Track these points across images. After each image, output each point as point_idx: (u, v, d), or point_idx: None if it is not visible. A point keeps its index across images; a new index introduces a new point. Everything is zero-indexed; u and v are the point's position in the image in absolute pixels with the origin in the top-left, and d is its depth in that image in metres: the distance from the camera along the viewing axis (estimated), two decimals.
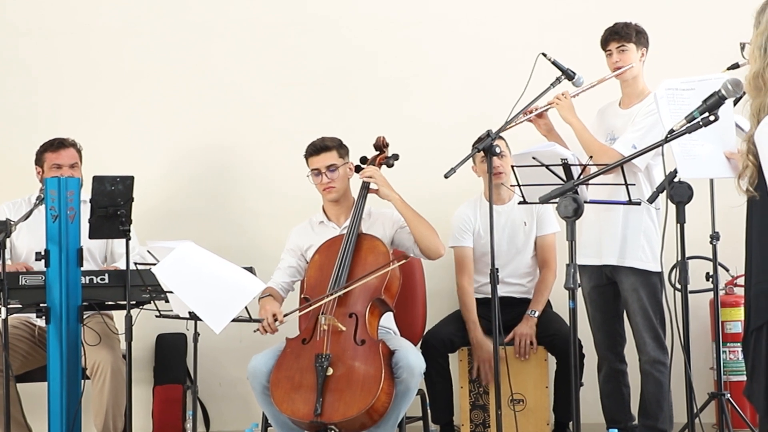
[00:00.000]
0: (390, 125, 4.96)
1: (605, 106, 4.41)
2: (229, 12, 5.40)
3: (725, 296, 4.70)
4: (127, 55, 5.41)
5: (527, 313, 4.56)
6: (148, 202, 4.82)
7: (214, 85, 5.38)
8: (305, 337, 4.04)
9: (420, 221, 4.22)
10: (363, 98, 5.31)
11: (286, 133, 5.24)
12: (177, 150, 5.36)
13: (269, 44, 5.37)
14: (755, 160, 2.58)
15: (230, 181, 5.38)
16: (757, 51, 2.61)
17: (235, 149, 5.36)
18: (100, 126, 5.33)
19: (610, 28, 4.26)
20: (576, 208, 3.17)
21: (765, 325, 2.58)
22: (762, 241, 2.62)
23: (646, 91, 4.25)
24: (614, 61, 4.23)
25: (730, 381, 4.60)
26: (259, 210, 5.30)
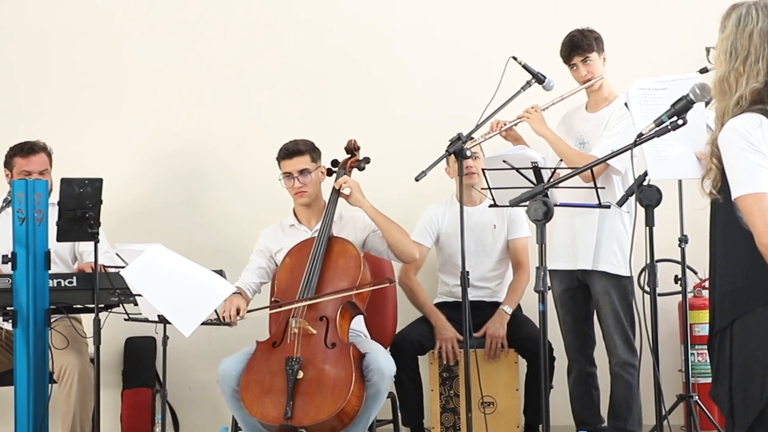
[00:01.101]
0: (363, 127, 4.97)
1: (570, 111, 4.43)
2: (203, 13, 5.39)
3: (694, 299, 4.74)
4: (97, 56, 5.38)
5: (501, 308, 4.56)
6: (117, 204, 4.79)
7: (185, 86, 5.36)
8: (275, 340, 4.02)
9: (392, 226, 4.22)
10: (336, 100, 5.30)
11: (258, 134, 5.22)
12: (147, 151, 5.34)
13: (242, 45, 5.36)
14: (719, 163, 2.59)
15: (201, 183, 5.36)
16: (723, 55, 2.63)
17: (206, 151, 5.35)
18: (70, 127, 5.30)
19: (569, 43, 4.23)
20: (546, 211, 3.18)
21: (729, 326, 2.60)
22: (725, 243, 2.64)
23: (612, 94, 4.27)
24: (582, 75, 4.24)
25: (699, 383, 4.63)
26: (231, 212, 5.28)
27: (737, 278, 2.59)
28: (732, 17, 2.63)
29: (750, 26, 2.59)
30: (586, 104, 4.38)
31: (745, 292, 2.56)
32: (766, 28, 2.57)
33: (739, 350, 2.57)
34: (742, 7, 2.63)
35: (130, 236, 4.74)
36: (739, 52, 2.59)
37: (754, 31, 2.58)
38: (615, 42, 4.33)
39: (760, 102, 2.57)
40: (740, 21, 2.60)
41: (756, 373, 2.53)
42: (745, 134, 2.53)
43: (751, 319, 2.55)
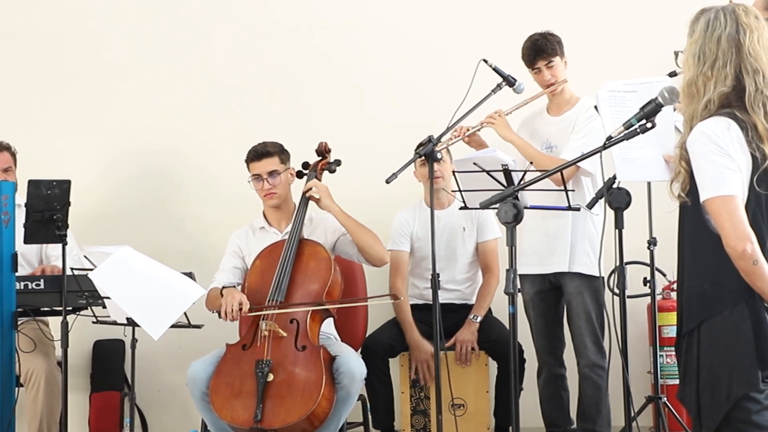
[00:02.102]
0: (334, 130, 4.96)
1: (530, 115, 4.42)
2: (175, 15, 5.35)
3: (662, 301, 4.77)
4: (63, 57, 5.33)
5: (469, 318, 4.57)
6: (85, 205, 4.73)
7: (156, 87, 5.33)
8: (245, 342, 4.01)
9: (362, 231, 4.22)
10: (307, 103, 5.29)
11: (229, 136, 5.20)
12: (116, 153, 5.30)
13: (215, 47, 5.34)
14: (687, 167, 2.62)
15: (171, 185, 5.32)
16: (691, 59, 2.66)
17: (176, 152, 5.32)
18: (37, 127, 5.26)
19: (532, 47, 4.22)
20: (516, 213, 3.18)
21: (696, 329, 2.62)
22: (693, 246, 2.66)
23: (574, 97, 4.29)
24: (546, 79, 4.24)
25: (667, 384, 4.66)
26: (201, 214, 5.25)
27: (705, 281, 2.61)
28: (700, 22, 2.66)
29: (718, 31, 2.61)
30: (547, 108, 4.39)
31: (713, 294, 2.59)
32: (734, 33, 2.60)
33: (707, 352, 2.59)
34: (710, 12, 2.65)
35: (98, 237, 4.71)
36: (707, 57, 2.62)
37: (722, 35, 2.61)
38: (584, 44, 4.36)
39: (728, 106, 2.60)
40: (708, 26, 2.63)
41: (723, 375, 2.55)
42: (713, 137, 2.56)
43: (718, 321, 2.57)
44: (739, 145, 2.55)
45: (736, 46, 2.60)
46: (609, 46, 5.04)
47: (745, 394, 2.53)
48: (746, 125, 2.56)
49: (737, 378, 2.53)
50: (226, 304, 3.98)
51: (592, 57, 4.43)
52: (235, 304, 3.97)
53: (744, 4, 2.68)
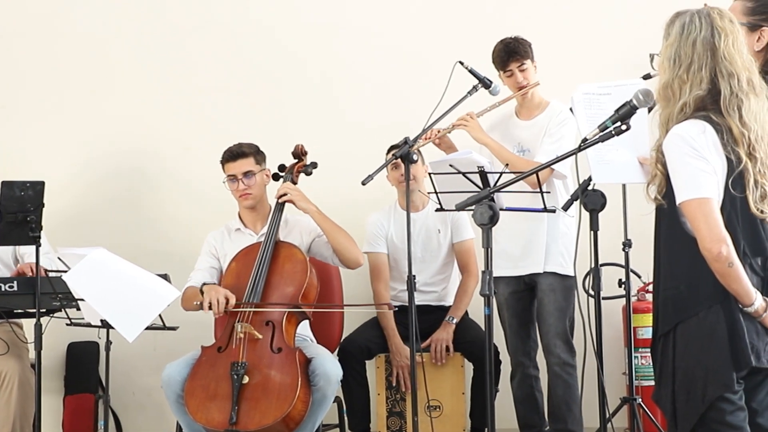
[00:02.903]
0: (311, 132, 4.95)
1: (499, 119, 4.42)
2: (149, 15, 5.32)
3: (637, 302, 4.79)
4: (36, 55, 5.29)
5: (446, 319, 4.58)
6: (58, 205, 4.71)
7: (132, 87, 5.29)
8: (221, 345, 3.99)
9: (338, 232, 4.21)
10: (284, 105, 5.27)
11: (205, 137, 5.17)
12: (91, 153, 5.26)
13: (191, 48, 5.31)
14: (663, 169, 2.63)
15: (147, 186, 5.29)
16: (667, 62, 2.67)
17: (152, 153, 5.28)
18: (10, 126, 5.21)
19: (505, 49, 4.24)
20: (492, 215, 3.18)
21: (672, 330, 2.64)
22: (669, 248, 2.68)
23: (544, 101, 4.31)
24: (518, 81, 4.26)
25: (642, 386, 4.68)
26: (176, 216, 5.22)
27: (681, 283, 2.63)
28: (676, 25, 2.67)
29: (693, 34, 2.63)
30: (516, 112, 4.40)
31: (688, 296, 2.61)
32: (709, 37, 2.62)
33: (682, 354, 2.61)
34: (685, 15, 2.67)
35: (72, 238, 4.68)
36: (682, 60, 2.64)
37: (697, 39, 2.62)
38: (558, 47, 4.37)
39: (704, 109, 2.62)
40: (684, 29, 2.65)
41: (698, 377, 2.57)
42: (689, 140, 2.57)
43: (694, 323, 2.59)
44: (714, 148, 2.57)
45: (711, 50, 2.61)
46: (584, 48, 5.06)
47: (720, 395, 2.55)
48: (721, 128, 2.58)
49: (712, 379, 2.55)
50: (211, 298, 3.96)
51: (567, 60, 4.45)
52: (221, 298, 3.95)
53: (719, 8, 2.70)
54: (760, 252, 2.62)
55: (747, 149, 2.57)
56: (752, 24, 2.99)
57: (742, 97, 2.59)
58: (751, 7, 3.02)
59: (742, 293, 2.54)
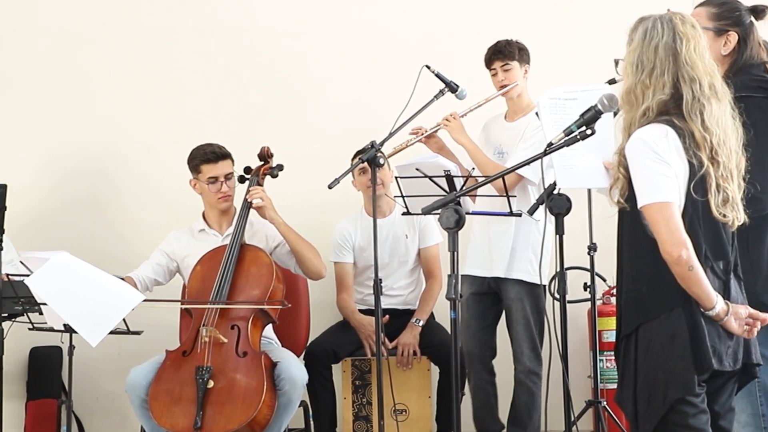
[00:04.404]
0: (276, 134, 4.93)
1: (490, 119, 4.46)
2: (115, 17, 5.28)
3: (602, 306, 4.81)
4: None
5: (411, 322, 4.58)
6: (20, 209, 4.65)
7: (96, 89, 5.24)
8: (186, 349, 3.97)
9: (302, 244, 4.21)
10: (249, 106, 5.25)
11: (170, 140, 5.12)
12: (54, 155, 5.21)
13: (153, 49, 5.27)
14: (626, 173, 2.65)
15: (111, 189, 5.25)
16: (630, 67, 2.69)
17: (116, 156, 5.23)
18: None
19: (493, 47, 4.30)
20: (458, 219, 3.19)
21: (634, 332, 2.65)
22: (631, 251, 2.70)
23: (531, 105, 4.32)
24: (500, 80, 4.28)
25: (607, 389, 4.70)
26: (141, 219, 5.17)
27: (642, 285, 2.64)
28: (639, 31, 2.69)
29: (656, 40, 2.65)
30: (505, 114, 4.42)
31: (650, 298, 2.62)
32: (671, 42, 2.64)
33: (644, 356, 2.62)
34: (648, 21, 2.69)
35: (34, 241, 4.64)
36: (645, 65, 2.65)
37: (659, 44, 2.64)
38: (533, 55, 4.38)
39: (666, 113, 2.64)
40: (646, 34, 2.67)
41: (659, 378, 2.58)
42: (651, 144, 2.59)
43: (655, 325, 2.61)
44: (676, 152, 2.59)
45: (673, 55, 2.63)
46: (551, 53, 5.08)
47: (681, 397, 2.56)
48: (684, 132, 2.60)
49: (673, 382, 2.56)
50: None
51: (537, 63, 4.46)
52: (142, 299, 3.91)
53: (681, 13, 2.72)
54: (721, 256, 2.64)
55: (709, 153, 2.59)
56: (719, 29, 3.03)
57: (704, 102, 2.61)
58: (716, 13, 3.05)
59: (702, 297, 2.56)
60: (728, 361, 2.61)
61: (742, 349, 2.65)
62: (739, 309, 2.61)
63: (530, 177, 4.13)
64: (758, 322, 2.63)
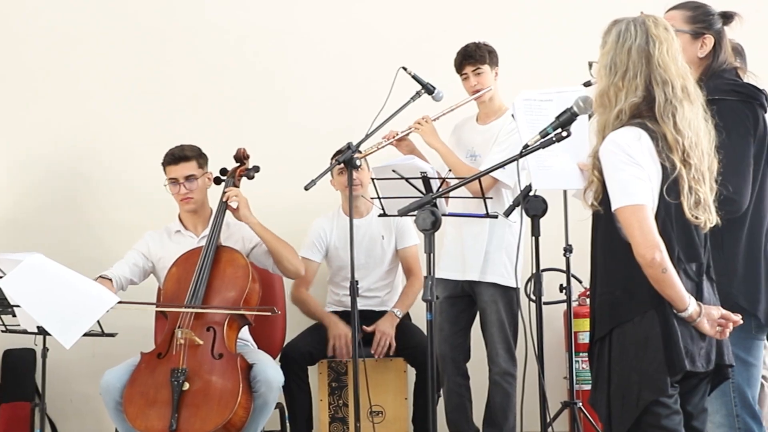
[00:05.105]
0: (254, 135, 4.92)
1: (461, 121, 4.47)
2: (92, 16, 5.24)
3: (578, 307, 4.82)
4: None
5: (391, 310, 4.57)
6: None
7: (73, 88, 5.20)
8: (161, 351, 3.95)
9: (279, 243, 4.20)
10: (226, 107, 5.22)
11: (148, 139, 5.08)
12: (29, 155, 5.16)
13: (130, 48, 5.23)
14: (600, 175, 2.66)
15: (87, 189, 5.21)
16: (603, 70, 2.70)
17: (93, 156, 5.19)
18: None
19: (462, 52, 4.29)
20: (434, 221, 3.19)
21: (608, 335, 2.66)
22: (605, 254, 2.71)
23: (503, 107, 4.32)
24: (472, 85, 4.28)
25: (583, 390, 4.71)
26: (117, 220, 5.13)
27: (616, 288, 2.65)
28: (612, 33, 2.70)
29: (629, 42, 2.66)
30: (477, 116, 4.42)
31: (624, 301, 2.63)
32: (644, 44, 2.65)
33: (618, 358, 2.63)
34: (621, 24, 2.70)
35: (8, 242, 4.64)
36: (618, 68, 2.66)
37: (632, 47, 2.66)
38: (502, 54, 4.39)
39: (639, 116, 2.65)
40: (620, 37, 2.68)
41: (633, 381, 2.59)
42: (624, 147, 2.60)
43: (629, 327, 2.62)
44: (649, 154, 2.60)
45: (646, 57, 2.64)
46: (525, 55, 5.09)
47: (655, 399, 2.57)
48: (656, 135, 2.61)
49: (647, 384, 2.57)
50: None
51: (510, 66, 4.47)
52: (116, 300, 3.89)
53: (654, 16, 2.73)
54: (694, 258, 2.66)
55: (681, 156, 2.60)
56: (695, 32, 3.04)
57: (676, 104, 2.62)
58: (691, 16, 3.06)
59: (676, 298, 2.57)
60: (701, 362, 2.63)
61: (715, 350, 2.67)
62: (712, 310, 2.63)
63: (505, 180, 4.14)
64: (730, 323, 2.65)
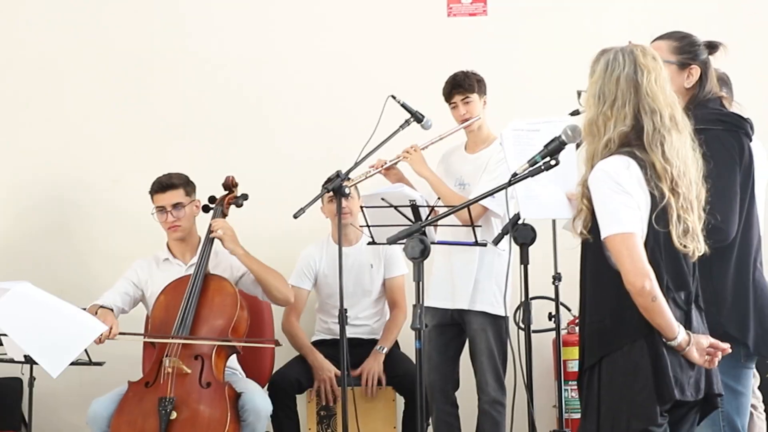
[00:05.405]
0: (242, 162, 4.92)
1: (449, 150, 4.47)
2: (80, 43, 5.25)
3: (567, 335, 4.81)
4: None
5: (376, 349, 4.56)
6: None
7: (62, 115, 5.20)
8: (148, 380, 3.93)
9: (267, 272, 4.20)
10: (215, 135, 5.23)
11: (137, 167, 5.08)
12: (17, 182, 5.16)
13: (122, 76, 5.23)
14: (589, 204, 2.67)
15: (76, 217, 5.20)
16: (592, 99, 2.72)
17: (81, 183, 5.19)
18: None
19: (451, 81, 4.30)
20: (423, 249, 3.19)
21: (597, 364, 2.66)
22: (594, 282, 2.71)
23: (491, 136, 4.34)
24: (461, 114, 4.29)
25: (572, 419, 4.69)
26: (106, 248, 5.12)
27: (606, 316, 2.65)
28: (600, 62, 2.72)
29: (617, 71, 2.68)
30: (465, 145, 4.43)
31: (613, 330, 2.63)
32: (632, 74, 2.67)
33: (607, 387, 2.63)
34: (609, 53, 2.72)
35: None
36: (606, 97, 2.68)
37: (621, 76, 2.67)
38: (490, 83, 4.41)
39: (628, 145, 2.66)
40: (608, 66, 2.70)
41: (622, 410, 2.59)
42: (614, 175, 2.61)
43: (618, 356, 2.61)
44: (638, 183, 2.61)
45: (634, 87, 2.66)
46: (513, 84, 5.11)
47: (645, 428, 2.57)
48: (645, 164, 2.63)
49: (636, 413, 2.57)
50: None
51: (497, 96, 4.49)
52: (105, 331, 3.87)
53: (642, 45, 2.75)
54: (683, 286, 2.66)
55: (670, 185, 2.62)
56: (681, 62, 3.06)
57: (664, 133, 2.63)
58: (678, 46, 3.09)
59: (665, 327, 2.57)
60: (690, 391, 2.63)
61: (704, 379, 2.67)
62: (701, 339, 2.63)
63: (495, 209, 4.14)
64: (719, 352, 2.65)
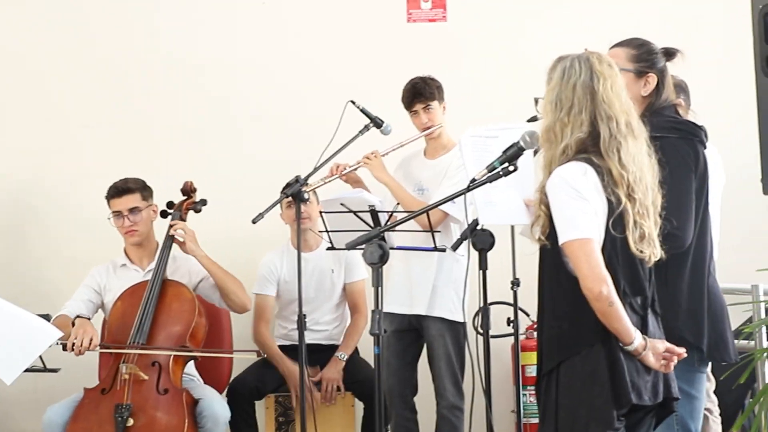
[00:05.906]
0: (201, 167, 4.90)
1: (408, 156, 4.47)
2: (40, 43, 5.19)
3: (526, 340, 4.83)
4: None
5: (336, 355, 4.55)
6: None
7: (19, 116, 5.14)
8: (105, 386, 3.90)
9: (226, 277, 4.18)
10: (174, 140, 5.19)
11: (95, 170, 5.02)
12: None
13: (76, 79, 5.18)
14: (547, 210, 2.68)
15: (32, 220, 5.14)
16: (549, 105, 2.73)
17: (38, 186, 5.13)
18: None
19: (411, 89, 4.30)
20: (382, 254, 3.19)
21: (555, 369, 2.67)
22: (552, 287, 2.72)
23: (451, 142, 4.35)
24: (423, 122, 4.30)
25: (530, 423, 4.72)
26: (63, 251, 5.07)
27: (563, 322, 2.67)
28: (557, 70, 2.74)
29: (573, 78, 2.70)
30: (424, 151, 4.44)
31: (571, 335, 2.65)
32: (589, 81, 2.69)
33: (565, 392, 2.64)
34: (566, 60, 2.74)
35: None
36: (563, 103, 2.70)
37: (577, 83, 2.69)
38: (447, 89, 4.43)
39: (585, 151, 2.68)
40: (564, 73, 2.71)
41: (580, 415, 2.60)
42: (571, 182, 2.63)
43: (576, 361, 2.63)
44: (595, 189, 2.63)
45: (590, 93, 2.68)
46: (470, 90, 5.13)
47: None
48: (602, 170, 2.64)
49: (594, 417, 2.58)
50: (77, 335, 3.87)
51: (455, 101, 4.51)
52: (86, 339, 3.85)
53: (598, 53, 2.77)
54: (639, 291, 2.68)
55: (626, 190, 2.63)
56: (639, 71, 3.09)
57: (620, 140, 2.65)
58: (635, 54, 3.11)
59: (622, 332, 2.59)
60: (647, 395, 2.65)
61: (662, 384, 2.69)
62: (657, 344, 2.66)
63: (455, 214, 4.15)
64: (675, 357, 2.68)
